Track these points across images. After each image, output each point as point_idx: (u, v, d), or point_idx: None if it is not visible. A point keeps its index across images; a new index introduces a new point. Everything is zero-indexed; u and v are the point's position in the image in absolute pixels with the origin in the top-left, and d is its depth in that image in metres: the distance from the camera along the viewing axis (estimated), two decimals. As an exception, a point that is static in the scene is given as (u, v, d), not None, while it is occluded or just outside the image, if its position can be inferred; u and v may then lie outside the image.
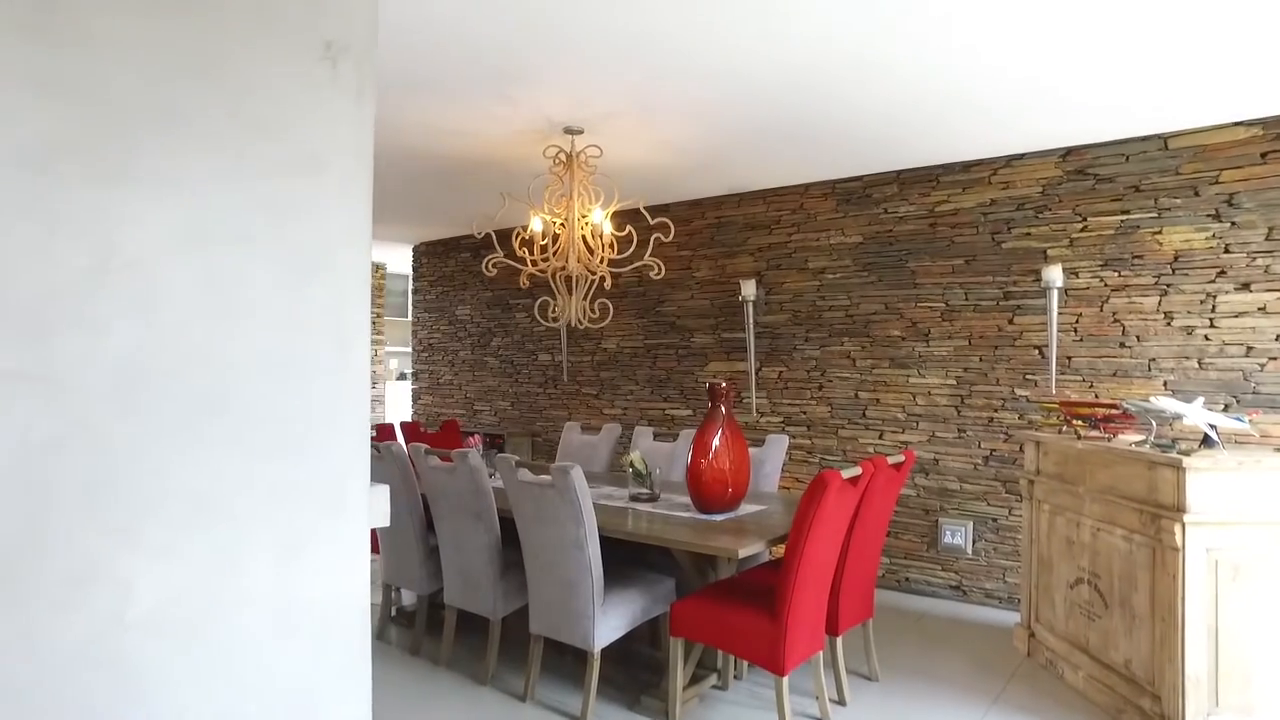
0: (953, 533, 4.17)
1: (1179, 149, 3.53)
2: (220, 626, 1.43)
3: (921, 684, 3.07)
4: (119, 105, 1.33)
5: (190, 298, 1.41)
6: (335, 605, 1.60)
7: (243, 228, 1.48)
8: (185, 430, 1.38)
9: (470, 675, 3.11)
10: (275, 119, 1.54)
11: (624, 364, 5.62)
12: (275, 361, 1.50)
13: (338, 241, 1.62)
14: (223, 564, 1.43)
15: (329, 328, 1.59)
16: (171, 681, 1.36)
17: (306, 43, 1.60)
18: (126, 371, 1.31)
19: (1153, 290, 3.61)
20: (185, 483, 1.37)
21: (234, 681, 1.45)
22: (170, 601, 1.35)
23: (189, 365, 1.40)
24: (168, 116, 1.38)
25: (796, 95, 3.17)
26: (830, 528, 2.52)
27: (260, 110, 1.52)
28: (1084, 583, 2.92)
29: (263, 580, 1.47)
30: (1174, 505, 2.37)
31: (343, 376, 1.61)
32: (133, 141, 1.35)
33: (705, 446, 2.97)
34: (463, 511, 3.03)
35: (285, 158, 1.55)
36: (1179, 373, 3.54)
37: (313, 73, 1.61)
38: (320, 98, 1.62)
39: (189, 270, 1.42)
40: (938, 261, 4.24)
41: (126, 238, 1.34)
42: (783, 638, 2.40)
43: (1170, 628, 2.38)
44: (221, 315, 1.44)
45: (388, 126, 3.55)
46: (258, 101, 1.52)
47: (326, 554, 1.58)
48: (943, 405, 4.22)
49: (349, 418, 1.62)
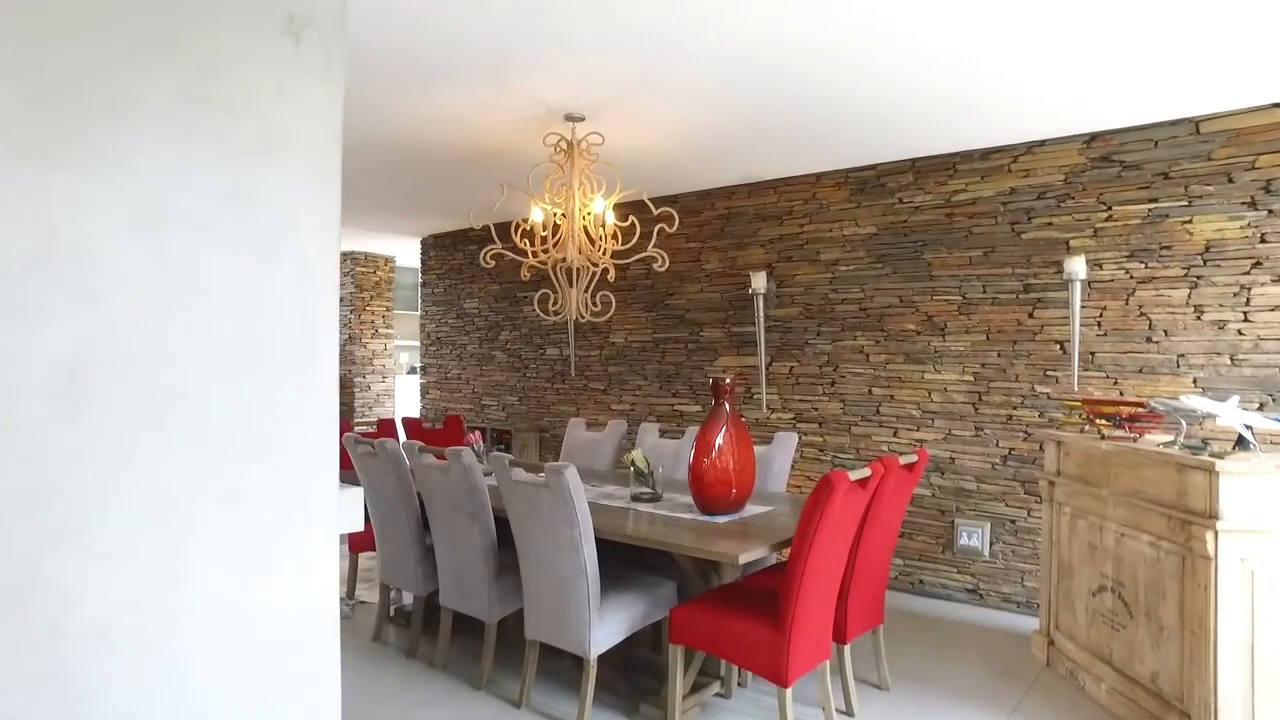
0: (969, 534, 4.03)
1: (1212, 133, 3.35)
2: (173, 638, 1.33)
3: (934, 693, 2.94)
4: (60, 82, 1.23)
5: (141, 287, 1.31)
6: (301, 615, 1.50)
7: (199, 212, 1.38)
8: (134, 428, 1.28)
9: (466, 679, 3.02)
10: (234, 98, 1.43)
11: (632, 358, 5.51)
12: (234, 356, 1.40)
13: (303, 227, 1.51)
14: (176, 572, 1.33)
15: (294, 319, 1.49)
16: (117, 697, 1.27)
17: (268, 17, 1.49)
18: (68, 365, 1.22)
19: (1182, 282, 3.44)
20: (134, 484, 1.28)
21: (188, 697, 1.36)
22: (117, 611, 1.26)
23: (139, 359, 1.30)
24: (116, 95, 1.28)
25: (805, 79, 3.03)
26: (837, 532, 2.40)
27: (217, 88, 1.41)
28: (1107, 590, 2.77)
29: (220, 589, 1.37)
30: (1206, 511, 2.22)
31: (309, 371, 1.51)
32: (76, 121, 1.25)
33: (708, 445, 2.85)
34: (457, 511, 2.94)
35: (245, 139, 1.45)
36: (1210, 369, 3.37)
37: (275, 49, 1.50)
38: (283, 75, 1.51)
39: (140, 257, 1.31)
40: (955, 253, 4.08)
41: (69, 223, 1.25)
42: (786, 648, 2.29)
43: (1201, 641, 2.24)
44: (175, 306, 1.34)
45: (383, 116, 3.45)
46: (215, 79, 1.41)
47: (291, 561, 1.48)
48: (959, 402, 4.08)
49: (316, 416, 1.52)
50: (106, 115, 1.29)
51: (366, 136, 3.80)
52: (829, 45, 2.70)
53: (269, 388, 1.45)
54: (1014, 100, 3.26)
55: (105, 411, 1.27)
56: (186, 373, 1.36)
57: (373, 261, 8.22)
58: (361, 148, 4.04)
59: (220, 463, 1.38)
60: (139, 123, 1.30)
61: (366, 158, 4.24)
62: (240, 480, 1.41)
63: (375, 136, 3.79)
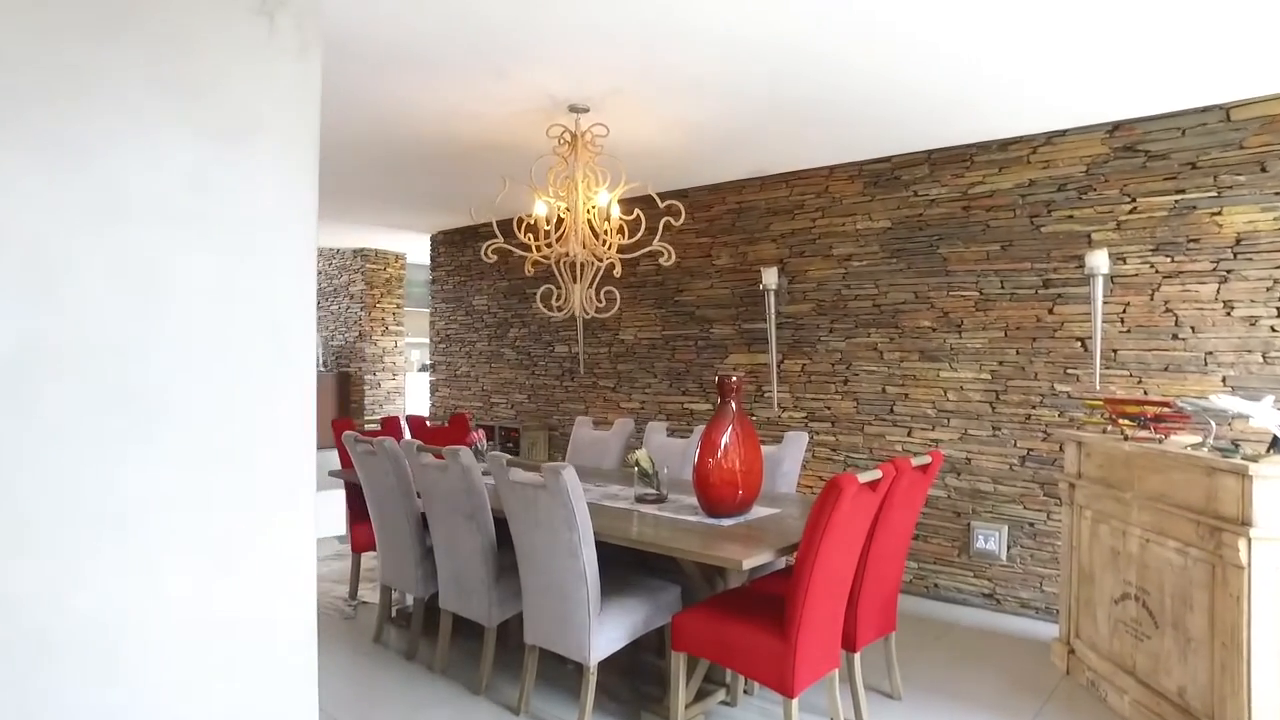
0: (985, 537, 3.90)
1: (1243, 120, 3.20)
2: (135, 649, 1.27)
3: (948, 703, 2.83)
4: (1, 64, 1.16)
5: (98, 279, 1.24)
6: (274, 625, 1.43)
7: (163, 200, 1.31)
8: (90, 428, 1.21)
9: (465, 684, 2.95)
10: (201, 80, 1.36)
11: (641, 356, 5.43)
12: (201, 352, 1.32)
13: (277, 216, 1.44)
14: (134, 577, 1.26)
15: (266, 314, 1.41)
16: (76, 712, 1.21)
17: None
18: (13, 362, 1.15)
19: (1210, 277, 3.29)
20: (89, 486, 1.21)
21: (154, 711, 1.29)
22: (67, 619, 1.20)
23: (95, 356, 1.23)
24: (63, 75, 1.21)
25: (816, 69, 2.92)
26: (845, 536, 2.30)
27: (183, 70, 1.34)
28: (1131, 598, 2.65)
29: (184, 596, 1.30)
30: (1238, 517, 2.10)
31: (282, 369, 1.44)
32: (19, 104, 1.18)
33: (713, 445, 2.76)
34: (455, 512, 2.87)
35: (215, 124, 1.37)
36: (1240, 367, 3.23)
37: (246, 29, 1.43)
38: (255, 57, 1.44)
39: (97, 248, 1.25)
40: (971, 247, 3.95)
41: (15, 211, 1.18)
42: (792, 657, 2.19)
43: (1233, 655, 2.11)
44: (136, 300, 1.27)
45: (381, 106, 3.39)
46: (181, 60, 1.34)
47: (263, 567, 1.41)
48: (976, 401, 3.95)
49: (289, 416, 1.44)
50: (53, 97, 1.21)
51: (367, 129, 3.74)
52: (841, 32, 2.59)
53: (238, 386, 1.38)
54: (1034, 88, 3.13)
55: (57, 410, 1.20)
56: (148, 370, 1.29)
57: (383, 258, 8.19)
58: (363, 142, 3.98)
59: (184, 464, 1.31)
60: (92, 106, 1.23)
61: (369, 152, 4.18)
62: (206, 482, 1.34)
63: (376, 129, 3.72)
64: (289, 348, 1.42)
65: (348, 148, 4.13)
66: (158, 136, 1.29)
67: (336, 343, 8.44)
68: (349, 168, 4.61)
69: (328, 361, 8.49)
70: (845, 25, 2.56)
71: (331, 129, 3.74)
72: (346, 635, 3.49)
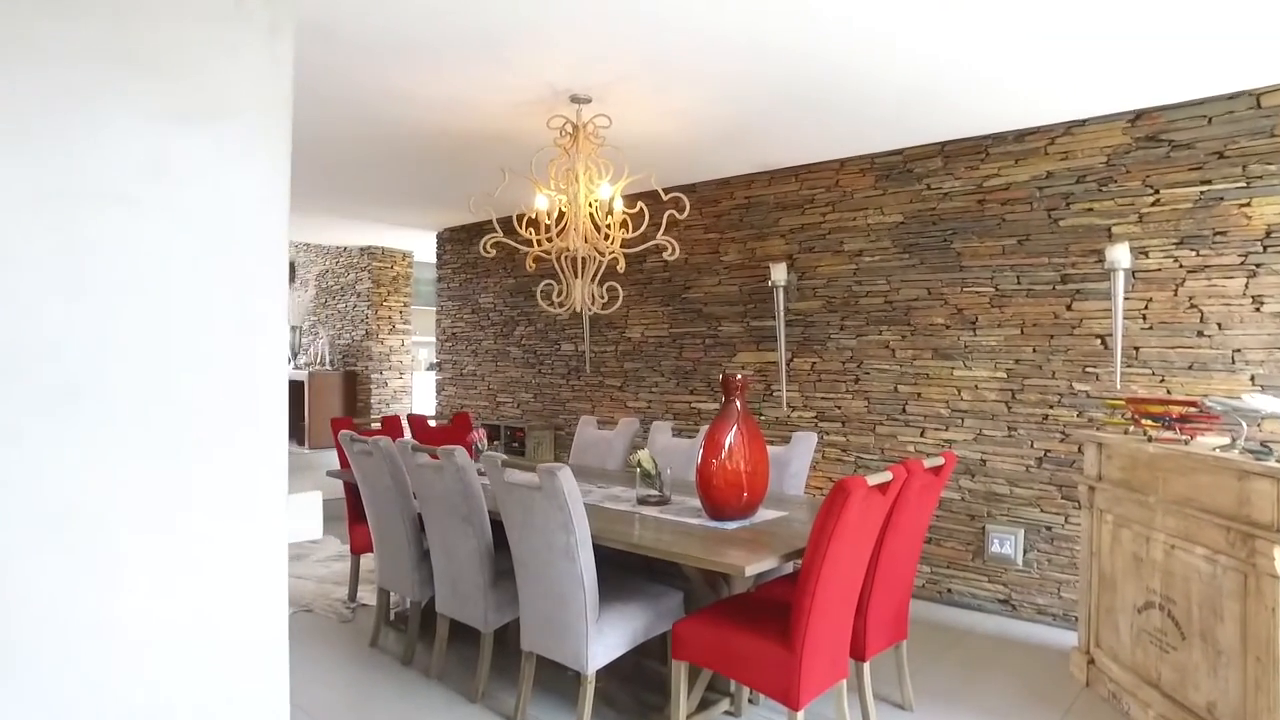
0: (1001, 541, 3.78)
1: (1275, 106, 3.06)
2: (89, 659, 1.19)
3: (962, 715, 2.71)
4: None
5: (43, 267, 1.15)
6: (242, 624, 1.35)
7: (119, 185, 1.22)
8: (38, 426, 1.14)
9: (461, 690, 2.86)
10: (162, 57, 1.27)
11: (648, 354, 5.33)
12: (159, 346, 1.24)
13: (244, 204, 1.35)
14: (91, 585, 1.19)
15: (231, 308, 1.32)
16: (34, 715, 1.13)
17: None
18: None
19: (1238, 271, 3.15)
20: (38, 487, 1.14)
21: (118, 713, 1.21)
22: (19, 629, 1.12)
23: (42, 349, 1.15)
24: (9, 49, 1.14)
25: (825, 57, 2.81)
26: (854, 541, 2.20)
27: (139, 45, 1.25)
28: (1155, 607, 2.53)
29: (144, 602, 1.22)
30: (1273, 524, 1.97)
31: (248, 364, 1.35)
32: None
33: (717, 445, 2.66)
34: (451, 514, 2.79)
35: (177, 104, 1.28)
36: (1270, 365, 3.09)
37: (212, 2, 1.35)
38: (222, 33, 1.35)
39: (41, 234, 1.17)
40: (986, 242, 3.83)
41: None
42: (797, 668, 2.09)
43: (1268, 670, 1.99)
44: (89, 289, 1.19)
45: (379, 97, 3.30)
46: (137, 35, 1.25)
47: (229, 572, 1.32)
48: (991, 400, 3.82)
49: (257, 413, 1.36)
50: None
51: (369, 119, 3.66)
52: (847, 19, 2.48)
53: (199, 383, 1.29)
54: (1051, 76, 3.00)
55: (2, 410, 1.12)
56: (103, 365, 1.20)
57: (390, 256, 8.14)
58: (363, 137, 3.90)
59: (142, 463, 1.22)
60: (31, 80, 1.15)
61: (371, 145, 4.11)
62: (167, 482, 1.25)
63: (378, 119, 3.64)
64: (256, 342, 1.33)
65: (346, 144, 4.06)
66: (113, 116, 1.21)
67: (343, 341, 8.40)
68: (350, 165, 4.54)
69: (334, 360, 8.45)
70: (863, 9, 2.45)
71: (331, 121, 3.68)
72: (343, 638, 3.42)
